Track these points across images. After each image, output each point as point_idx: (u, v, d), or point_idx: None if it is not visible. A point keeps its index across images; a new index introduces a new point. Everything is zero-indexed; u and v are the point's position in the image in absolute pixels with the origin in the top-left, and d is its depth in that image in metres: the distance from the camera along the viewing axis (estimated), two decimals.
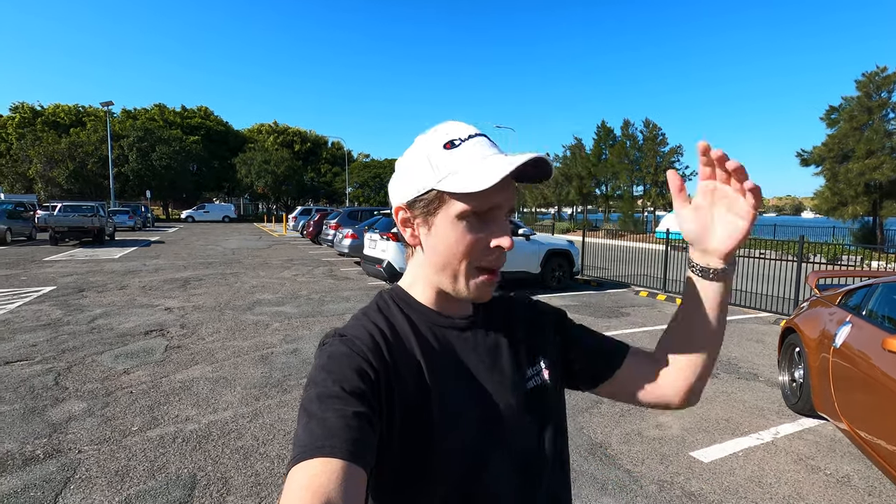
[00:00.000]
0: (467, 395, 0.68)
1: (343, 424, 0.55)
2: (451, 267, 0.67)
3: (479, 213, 0.65)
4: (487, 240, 0.66)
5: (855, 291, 3.47)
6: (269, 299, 7.98)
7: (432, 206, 0.67)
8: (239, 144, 51.80)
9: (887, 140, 16.43)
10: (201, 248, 17.27)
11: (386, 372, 0.63)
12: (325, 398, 0.58)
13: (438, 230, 0.67)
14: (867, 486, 2.81)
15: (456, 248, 0.66)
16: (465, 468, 0.66)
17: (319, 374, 0.61)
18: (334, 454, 0.52)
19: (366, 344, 0.64)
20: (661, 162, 27.71)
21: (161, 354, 4.95)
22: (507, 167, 0.61)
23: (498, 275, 0.69)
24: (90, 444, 3.08)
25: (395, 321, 0.70)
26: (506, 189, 0.65)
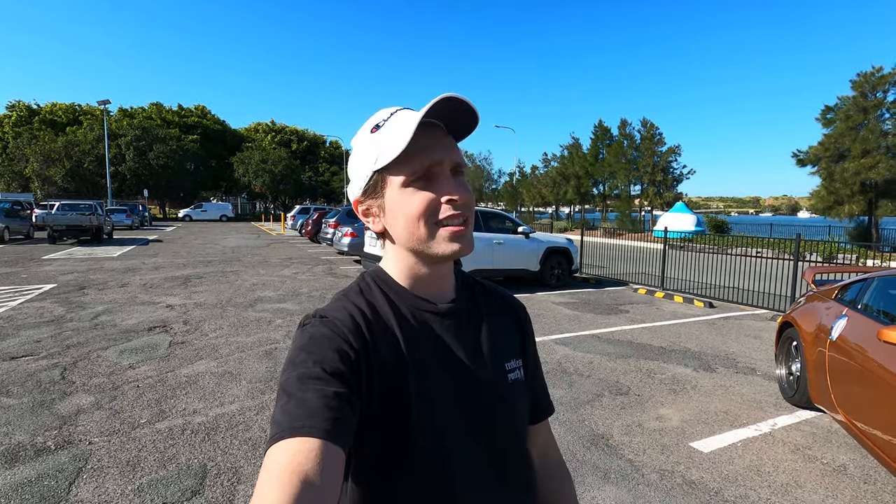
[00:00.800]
0: (446, 378, 0.69)
1: (322, 405, 0.56)
2: (414, 234, 0.68)
3: (419, 176, 0.66)
4: (438, 198, 0.67)
5: (850, 286, 3.54)
6: (270, 296, 8.02)
7: (378, 188, 0.69)
8: (236, 143, 51.73)
9: (883, 139, 16.55)
10: (200, 246, 17.27)
11: (366, 352, 0.64)
12: (305, 379, 0.58)
13: (391, 207, 0.69)
14: (862, 474, 2.88)
15: (410, 213, 0.67)
16: (441, 451, 0.66)
17: (299, 354, 0.62)
18: (312, 434, 0.53)
19: (346, 325, 0.65)
20: (659, 161, 27.84)
21: (165, 350, 4.98)
22: (416, 117, 0.63)
23: (467, 226, 0.69)
24: (100, 436, 3.12)
25: (375, 302, 0.70)
26: (438, 145, 0.67)
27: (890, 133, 16.67)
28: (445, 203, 0.67)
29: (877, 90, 17.01)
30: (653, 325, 6.63)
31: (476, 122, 0.70)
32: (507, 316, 0.82)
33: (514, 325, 0.82)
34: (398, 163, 0.66)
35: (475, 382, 0.71)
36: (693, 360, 5.04)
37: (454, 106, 0.66)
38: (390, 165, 0.66)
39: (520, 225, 9.54)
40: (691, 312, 7.53)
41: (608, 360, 4.98)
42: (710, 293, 8.73)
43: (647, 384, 4.30)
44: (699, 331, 6.34)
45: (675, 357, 5.12)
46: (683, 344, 5.65)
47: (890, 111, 17.09)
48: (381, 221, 0.71)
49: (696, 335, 6.09)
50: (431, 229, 0.67)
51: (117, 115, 46.75)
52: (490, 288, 0.85)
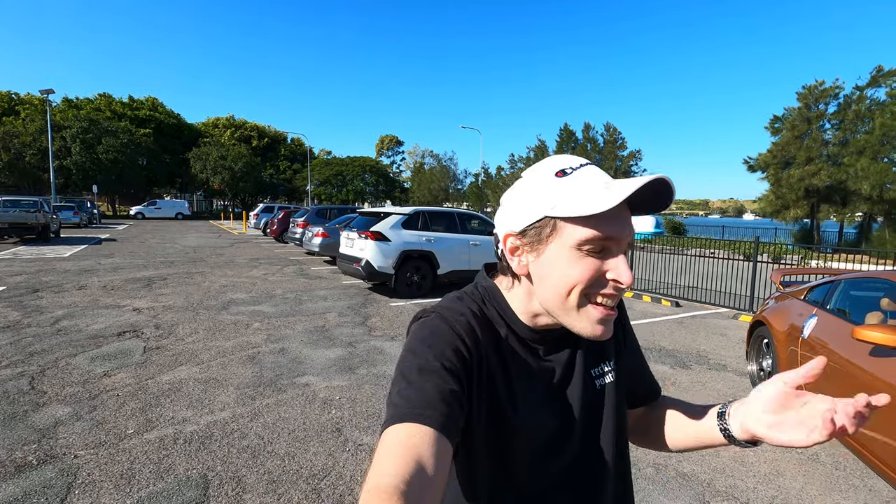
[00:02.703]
0: (541, 397, 0.72)
1: (439, 398, 0.59)
2: (560, 300, 0.65)
3: (594, 242, 0.63)
4: (602, 271, 0.64)
5: (818, 287, 3.83)
6: (242, 299, 7.80)
7: (544, 234, 0.65)
8: (193, 138, 49.66)
9: (824, 148, 17.81)
10: (158, 245, 16.53)
11: (479, 358, 0.67)
12: (426, 370, 0.61)
13: (550, 258, 0.65)
14: (833, 461, 3.12)
15: (569, 278, 0.64)
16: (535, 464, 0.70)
17: (420, 345, 0.65)
18: (429, 423, 0.56)
19: (463, 326, 0.67)
20: (621, 165, 28.79)
21: (141, 356, 4.78)
22: (628, 188, 0.59)
23: (616, 312, 0.67)
24: (86, 449, 2.97)
25: (489, 314, 0.72)
26: (623, 221, 0.64)
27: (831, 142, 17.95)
28: (612, 281, 0.64)
29: (819, 102, 18.27)
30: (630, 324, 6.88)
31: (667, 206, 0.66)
32: None
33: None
34: (579, 221, 0.62)
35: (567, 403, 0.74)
36: (669, 357, 5.29)
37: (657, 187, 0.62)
38: (571, 219, 0.63)
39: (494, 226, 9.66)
40: (660, 311, 7.87)
41: None
42: (675, 293, 9.14)
43: None
44: (670, 329, 6.64)
45: (653, 355, 5.35)
46: (658, 342, 5.91)
47: (830, 122, 18.40)
48: (529, 266, 0.68)
49: (668, 334, 6.38)
50: (581, 301, 0.65)
51: (61, 105, 43.88)
52: None
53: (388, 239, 8.10)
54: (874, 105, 17.16)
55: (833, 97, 18.25)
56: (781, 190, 18.60)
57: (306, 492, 2.60)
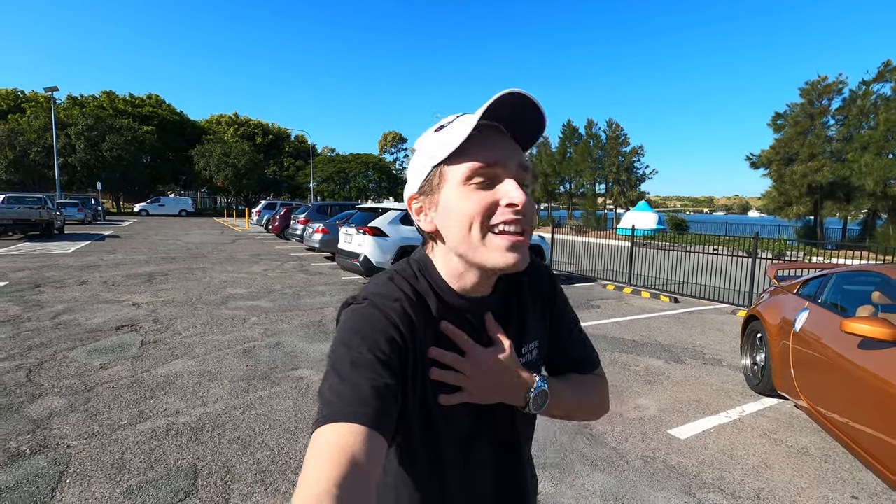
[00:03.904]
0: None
1: (373, 394, 0.58)
2: (466, 237, 0.65)
3: (478, 174, 0.64)
4: (495, 199, 0.64)
5: (811, 281, 3.81)
6: (241, 294, 7.83)
7: (434, 183, 0.68)
8: (196, 136, 49.80)
9: (827, 144, 17.69)
10: (161, 242, 16.61)
11: (413, 343, 0.66)
12: (359, 364, 0.60)
13: (446, 205, 0.67)
14: (823, 454, 3.12)
15: (464, 213, 0.64)
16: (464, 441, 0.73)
17: (353, 337, 0.63)
18: (362, 420, 0.55)
19: (396, 312, 0.66)
20: (623, 161, 28.72)
21: (137, 349, 4.82)
22: (478, 113, 0.61)
23: (526, 237, 0.66)
24: (79, 439, 3.01)
25: (421, 290, 0.71)
26: (500, 147, 0.65)
27: (834, 138, 17.82)
28: (505, 206, 0.64)
29: (822, 98, 18.13)
30: (624, 319, 6.88)
31: (543, 124, 0.68)
32: (536, 294, 0.82)
33: (541, 302, 0.83)
34: (459, 158, 0.64)
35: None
36: (664, 352, 5.29)
37: (519, 107, 0.64)
38: (451, 159, 0.65)
39: None
40: (658, 307, 7.86)
41: None
42: (675, 289, 9.12)
43: (623, 376, 4.49)
44: (667, 325, 6.63)
45: (648, 350, 5.35)
46: (654, 337, 5.90)
47: (834, 118, 18.26)
48: (434, 220, 0.70)
49: (665, 329, 6.37)
50: (485, 234, 0.65)
51: (66, 103, 44.10)
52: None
53: (386, 234, 8.12)
54: (880, 100, 17.01)
55: (837, 93, 18.11)
56: (784, 186, 18.50)
57: (294, 482, 2.62)
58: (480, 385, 0.70)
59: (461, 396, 0.70)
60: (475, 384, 0.70)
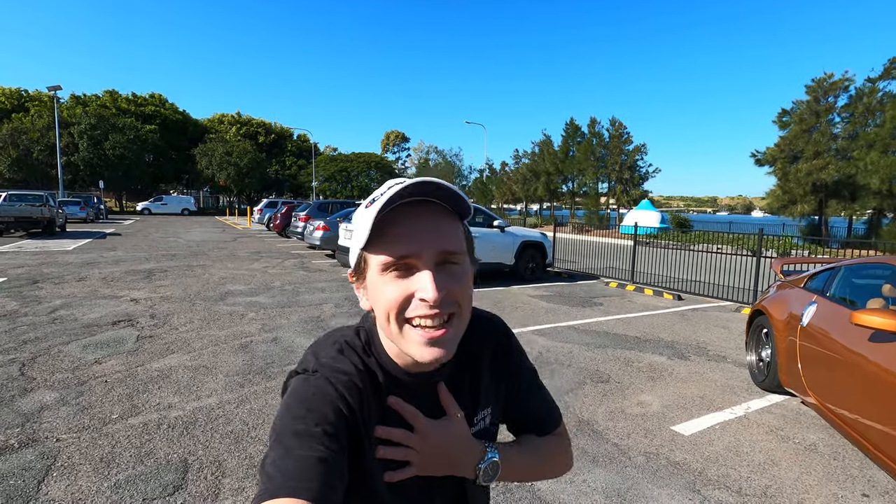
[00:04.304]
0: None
1: (317, 467, 0.56)
2: (386, 327, 0.65)
3: (391, 266, 0.62)
4: (410, 291, 0.62)
5: (818, 274, 3.72)
6: (240, 290, 7.78)
7: (362, 268, 0.67)
8: (199, 135, 49.83)
9: (833, 142, 17.53)
10: (162, 240, 16.60)
11: (361, 413, 0.65)
12: (304, 436, 0.58)
13: (371, 290, 0.66)
14: (831, 451, 3.03)
15: (381, 304, 0.64)
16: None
17: (300, 408, 0.61)
18: (305, 496, 0.53)
19: (346, 386, 0.64)
20: (626, 160, 28.56)
21: (133, 344, 4.76)
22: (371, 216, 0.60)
23: (450, 328, 0.64)
24: (68, 433, 2.94)
25: (370, 365, 0.70)
26: (421, 231, 0.62)
27: (839, 136, 17.66)
28: (419, 301, 0.62)
29: (828, 95, 17.97)
30: (626, 316, 6.79)
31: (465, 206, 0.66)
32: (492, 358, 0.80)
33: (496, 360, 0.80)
34: (378, 246, 0.63)
35: None
36: (667, 349, 5.20)
37: (438, 187, 0.62)
38: (371, 245, 0.63)
39: (495, 219, 9.59)
40: (661, 304, 7.77)
41: (587, 349, 5.07)
42: (678, 286, 9.02)
43: (626, 372, 4.40)
44: (670, 322, 6.54)
45: (651, 346, 5.26)
46: (657, 334, 5.82)
47: (840, 115, 18.10)
48: (368, 301, 0.69)
49: (668, 326, 6.28)
50: (401, 326, 0.64)
51: (69, 102, 44.21)
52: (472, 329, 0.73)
53: None
54: (886, 98, 16.83)
55: (843, 90, 17.95)
56: (789, 185, 18.35)
57: None
58: (429, 459, 0.69)
59: (408, 471, 0.69)
60: (424, 458, 0.69)
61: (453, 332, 0.64)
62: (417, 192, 0.62)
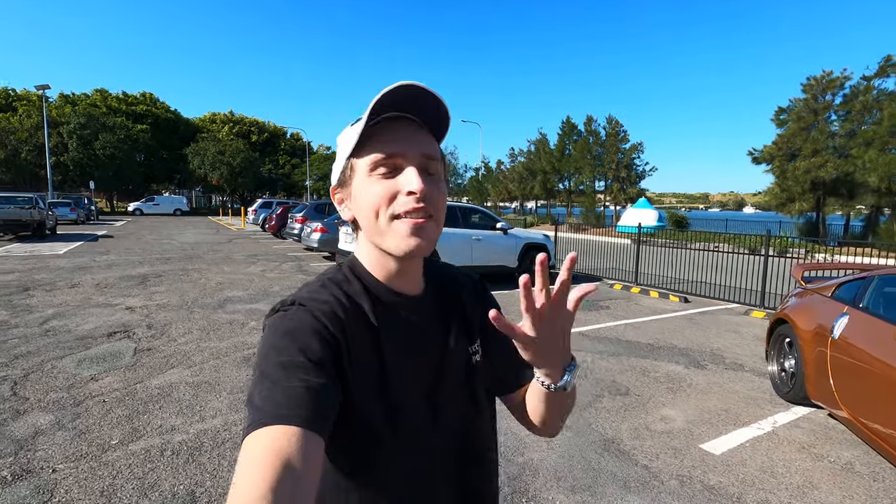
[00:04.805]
0: (415, 371, 0.71)
1: (306, 394, 0.55)
2: (373, 224, 0.68)
3: (379, 164, 0.66)
4: (397, 188, 0.66)
5: (846, 284, 3.60)
6: (239, 296, 7.58)
7: (347, 175, 0.70)
8: (191, 134, 49.25)
9: (831, 140, 17.53)
10: (155, 242, 16.31)
11: (345, 340, 0.64)
12: (290, 366, 0.57)
13: (356, 193, 0.69)
14: (870, 472, 2.91)
15: (369, 202, 0.67)
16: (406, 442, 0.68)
17: (282, 340, 0.60)
18: (295, 422, 0.53)
19: (325, 314, 0.64)
20: (623, 158, 28.49)
21: (130, 358, 4.56)
22: (371, 105, 0.63)
23: (430, 222, 0.67)
24: (65, 462, 2.76)
25: (352, 293, 0.70)
26: (407, 137, 0.67)
27: (837, 134, 17.66)
28: (406, 195, 0.65)
29: (826, 93, 17.96)
30: (635, 321, 6.67)
31: (446, 114, 0.69)
32: (469, 297, 0.84)
33: (478, 305, 0.84)
34: (364, 150, 0.67)
35: (442, 374, 0.74)
36: (682, 356, 5.07)
37: (420, 97, 0.65)
38: (358, 152, 0.68)
39: (498, 221, 9.44)
40: (669, 308, 7.65)
41: (601, 358, 4.94)
42: (682, 288, 8.93)
43: (643, 383, 4.27)
44: (681, 326, 6.42)
45: (665, 354, 5.13)
46: (669, 340, 5.69)
47: (837, 113, 18.10)
48: (351, 210, 0.72)
49: (679, 331, 6.16)
50: (388, 221, 0.66)
51: (58, 101, 43.48)
52: (446, 271, 0.85)
53: None
54: (882, 96, 16.85)
55: (840, 88, 17.95)
56: (787, 182, 18.33)
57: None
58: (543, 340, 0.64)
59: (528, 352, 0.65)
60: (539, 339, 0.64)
61: (431, 228, 0.67)
62: (403, 100, 0.65)
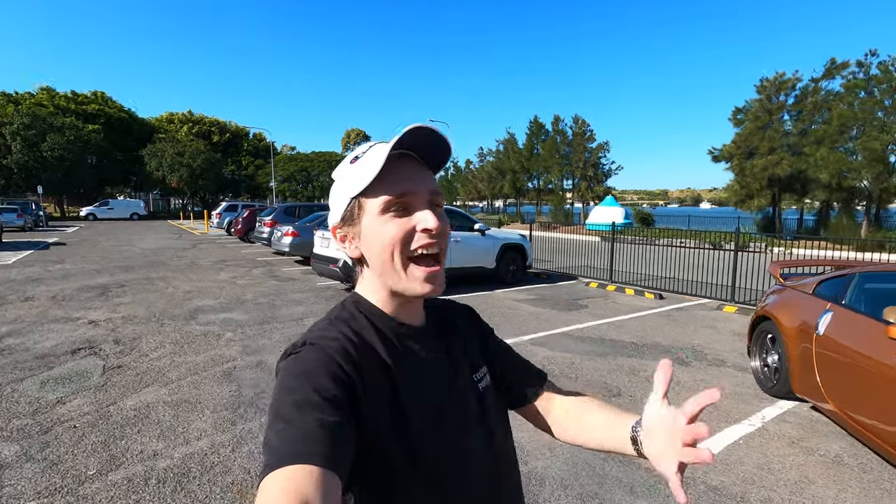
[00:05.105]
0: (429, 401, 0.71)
1: (322, 432, 0.55)
2: (388, 265, 0.68)
3: (392, 204, 0.67)
4: (411, 226, 0.67)
5: (827, 281, 3.73)
6: (211, 305, 7.26)
7: (355, 214, 0.70)
8: (147, 134, 47.12)
9: (785, 139, 18.39)
10: (113, 249, 15.51)
11: (359, 379, 0.64)
12: (304, 405, 0.57)
13: (367, 233, 0.69)
14: (858, 463, 3.01)
15: (384, 242, 0.67)
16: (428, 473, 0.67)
17: (294, 380, 0.60)
18: (312, 461, 0.52)
19: (337, 351, 0.64)
20: (590, 157, 29.07)
21: (100, 377, 4.27)
22: (387, 148, 0.65)
23: (440, 264, 0.70)
24: (37, 498, 2.53)
25: (361, 330, 0.70)
26: (415, 175, 0.69)
27: (791, 133, 18.55)
28: (421, 232, 0.67)
29: (779, 94, 18.83)
30: (615, 319, 6.77)
31: (448, 152, 0.71)
32: (465, 325, 0.86)
33: (474, 332, 0.87)
34: (375, 190, 0.67)
35: (455, 401, 0.74)
36: (666, 354, 5.16)
37: (427, 137, 0.67)
38: (367, 192, 0.68)
39: (475, 222, 9.42)
40: (645, 305, 7.81)
41: (588, 359, 4.97)
42: (655, 284, 9.14)
43: (634, 383, 4.31)
44: (660, 324, 6.55)
45: (649, 352, 5.21)
46: (651, 338, 5.79)
47: (790, 113, 19.01)
48: (358, 248, 0.72)
49: (659, 328, 6.29)
50: (405, 262, 0.68)
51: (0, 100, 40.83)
52: (442, 302, 0.87)
53: None
54: (830, 96, 17.79)
55: (792, 89, 18.85)
56: (746, 180, 19.14)
57: None
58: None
59: None
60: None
61: (441, 270, 0.70)
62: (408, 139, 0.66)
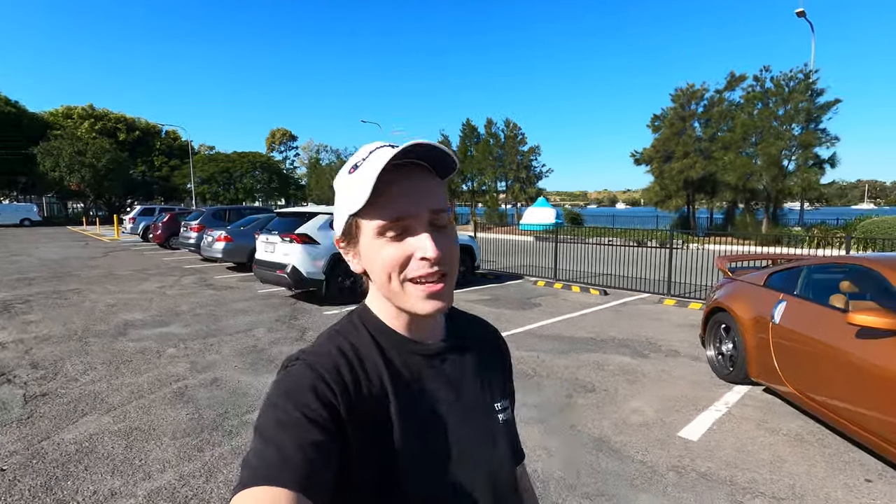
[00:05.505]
0: (436, 426, 0.67)
1: (300, 455, 0.53)
2: (387, 285, 0.65)
3: (387, 228, 0.62)
4: (409, 252, 0.63)
5: (776, 273, 4.06)
6: (142, 319, 6.57)
7: (354, 232, 0.66)
8: (39, 131, 42.02)
9: (697, 144, 20.13)
10: (5, 259, 13.64)
11: (347, 395, 0.61)
12: (284, 424, 0.55)
13: (366, 252, 0.66)
14: (816, 439, 3.29)
15: (381, 267, 0.64)
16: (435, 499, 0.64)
17: (280, 398, 0.59)
18: (285, 485, 0.50)
19: (327, 369, 0.62)
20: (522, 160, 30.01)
21: (21, 409, 3.68)
22: (374, 173, 0.58)
23: (446, 282, 0.65)
24: None
25: (361, 345, 0.67)
26: (414, 192, 0.62)
27: (702, 138, 20.33)
28: (420, 260, 0.62)
29: (691, 103, 20.58)
30: (570, 316, 6.98)
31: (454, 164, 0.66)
32: (491, 351, 0.81)
33: (499, 361, 0.82)
34: (369, 212, 0.62)
35: (467, 429, 0.69)
36: (624, 347, 5.39)
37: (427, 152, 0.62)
38: (362, 213, 0.62)
39: None
40: (592, 301, 8.14)
41: (554, 356, 5.06)
42: (597, 281, 9.58)
43: (603, 377, 4.45)
44: (610, 318, 6.85)
45: (609, 347, 5.42)
46: (607, 332, 6.03)
47: (700, 120, 20.84)
48: (360, 264, 0.68)
49: (611, 323, 6.57)
50: (403, 285, 0.64)
51: None
52: (471, 318, 0.83)
53: (317, 241, 7.37)
54: (733, 106, 19.73)
55: (701, 98, 20.68)
56: (664, 181, 20.70)
57: None
58: None
59: None
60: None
61: (448, 286, 0.65)
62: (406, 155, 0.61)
